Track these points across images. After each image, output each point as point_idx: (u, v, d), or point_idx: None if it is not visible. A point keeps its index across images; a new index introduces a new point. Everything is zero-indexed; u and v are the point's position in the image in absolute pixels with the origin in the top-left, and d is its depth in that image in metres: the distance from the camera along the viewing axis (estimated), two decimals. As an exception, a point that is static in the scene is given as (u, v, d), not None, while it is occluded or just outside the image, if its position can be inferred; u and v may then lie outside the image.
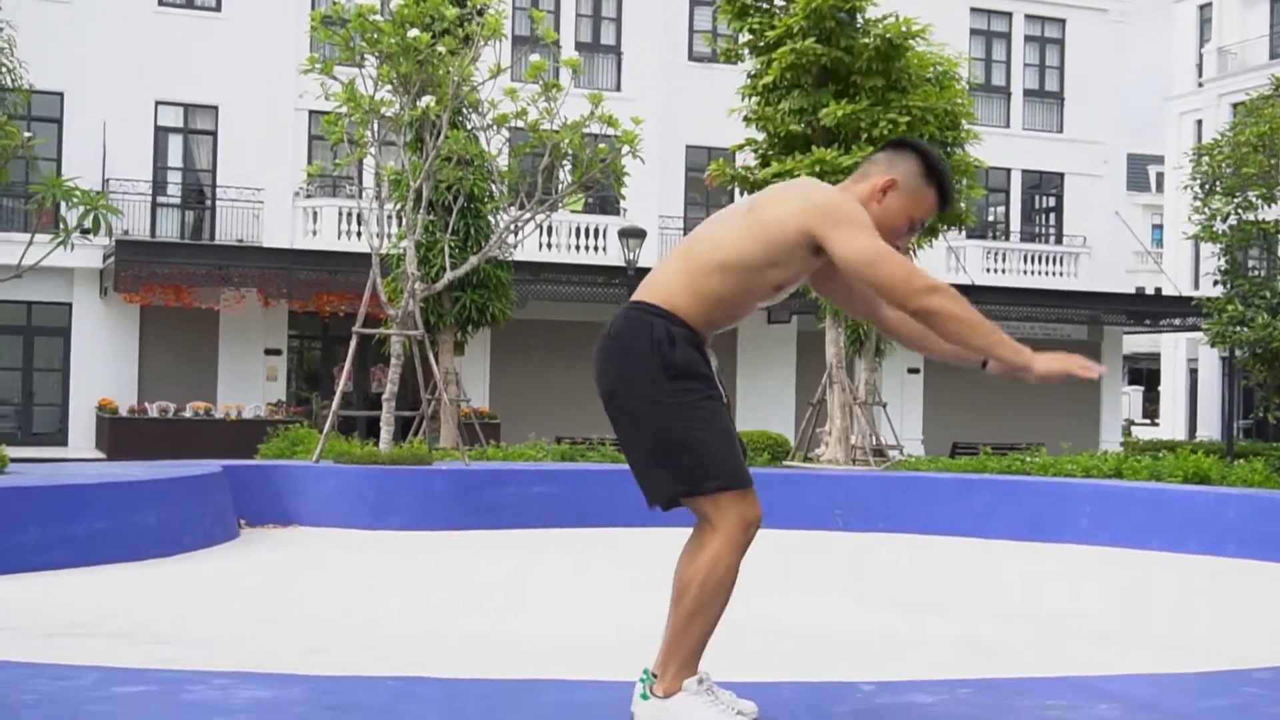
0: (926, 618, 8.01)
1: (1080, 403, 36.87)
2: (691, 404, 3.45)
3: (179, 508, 10.66)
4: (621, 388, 3.52)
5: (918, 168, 3.62)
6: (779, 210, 3.50)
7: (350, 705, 3.24)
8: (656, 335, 3.46)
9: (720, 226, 3.62)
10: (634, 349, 3.49)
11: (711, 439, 3.44)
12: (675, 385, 3.44)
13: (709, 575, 3.42)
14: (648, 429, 3.49)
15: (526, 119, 15.36)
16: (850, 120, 16.46)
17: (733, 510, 3.44)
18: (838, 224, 3.42)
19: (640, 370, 3.47)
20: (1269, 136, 24.18)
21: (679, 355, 3.45)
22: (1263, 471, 15.57)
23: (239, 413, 27.80)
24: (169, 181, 30.54)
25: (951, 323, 3.37)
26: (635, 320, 3.52)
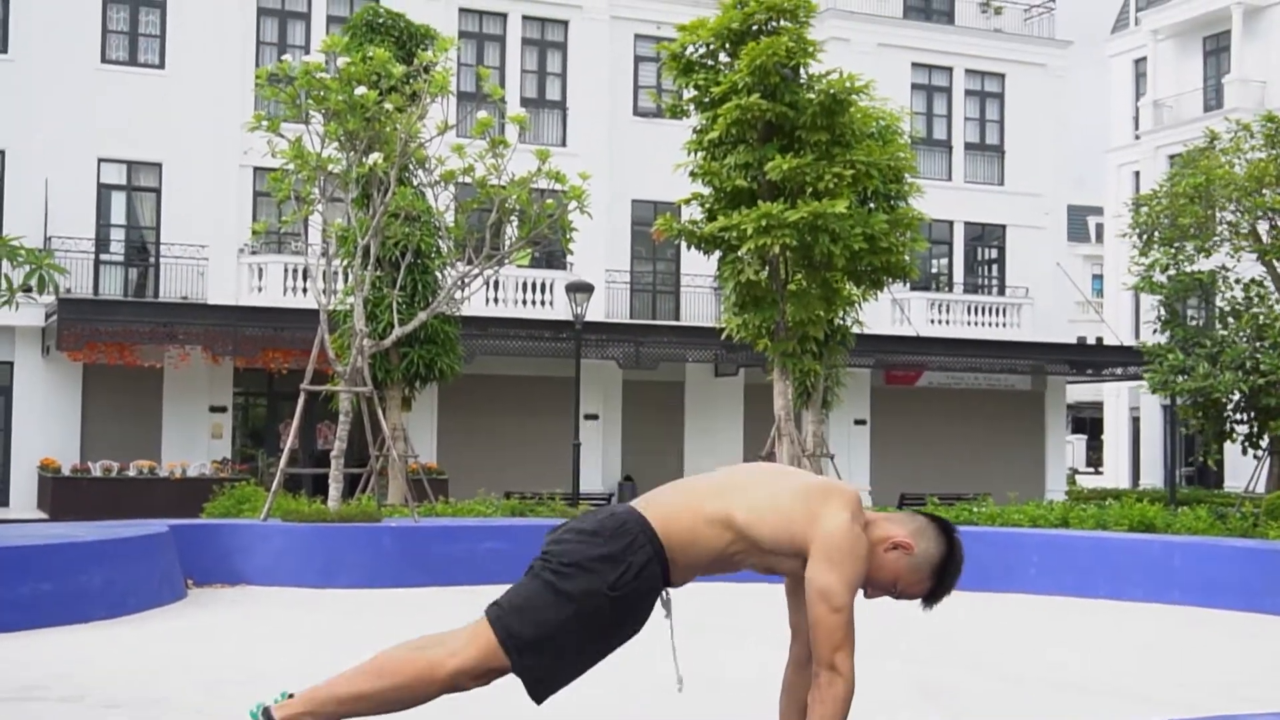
0: (882, 668, 8.03)
1: (1026, 452, 37.12)
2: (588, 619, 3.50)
3: (125, 569, 10.55)
4: (575, 560, 3.52)
5: (937, 559, 3.72)
6: (801, 509, 3.55)
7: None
8: (632, 559, 3.49)
9: (749, 485, 3.65)
10: (609, 553, 3.50)
11: (562, 644, 3.50)
12: (604, 601, 3.47)
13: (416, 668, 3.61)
14: (553, 593, 3.51)
15: (474, 175, 15.42)
16: (796, 174, 16.57)
17: (492, 659, 3.55)
18: (831, 555, 3.49)
19: (598, 569, 3.49)
20: (1204, 188, 24.54)
21: (630, 587, 3.49)
22: (1206, 519, 15.73)
23: (184, 471, 27.58)
24: (112, 239, 30.38)
25: (818, 705, 3.45)
26: (628, 534, 3.53)
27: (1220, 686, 7.71)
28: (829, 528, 3.48)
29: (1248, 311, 24.69)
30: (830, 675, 3.40)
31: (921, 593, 3.72)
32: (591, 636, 3.50)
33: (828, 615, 3.43)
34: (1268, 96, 40.52)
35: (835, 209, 16.15)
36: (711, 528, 3.55)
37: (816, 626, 3.45)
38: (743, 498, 3.57)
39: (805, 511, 3.52)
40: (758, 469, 3.76)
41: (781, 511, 3.53)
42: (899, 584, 3.67)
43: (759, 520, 3.53)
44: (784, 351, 17.73)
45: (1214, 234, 25.26)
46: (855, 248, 16.69)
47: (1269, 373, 23.08)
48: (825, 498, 3.57)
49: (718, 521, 3.55)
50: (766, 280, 17.64)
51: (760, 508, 3.54)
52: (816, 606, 3.44)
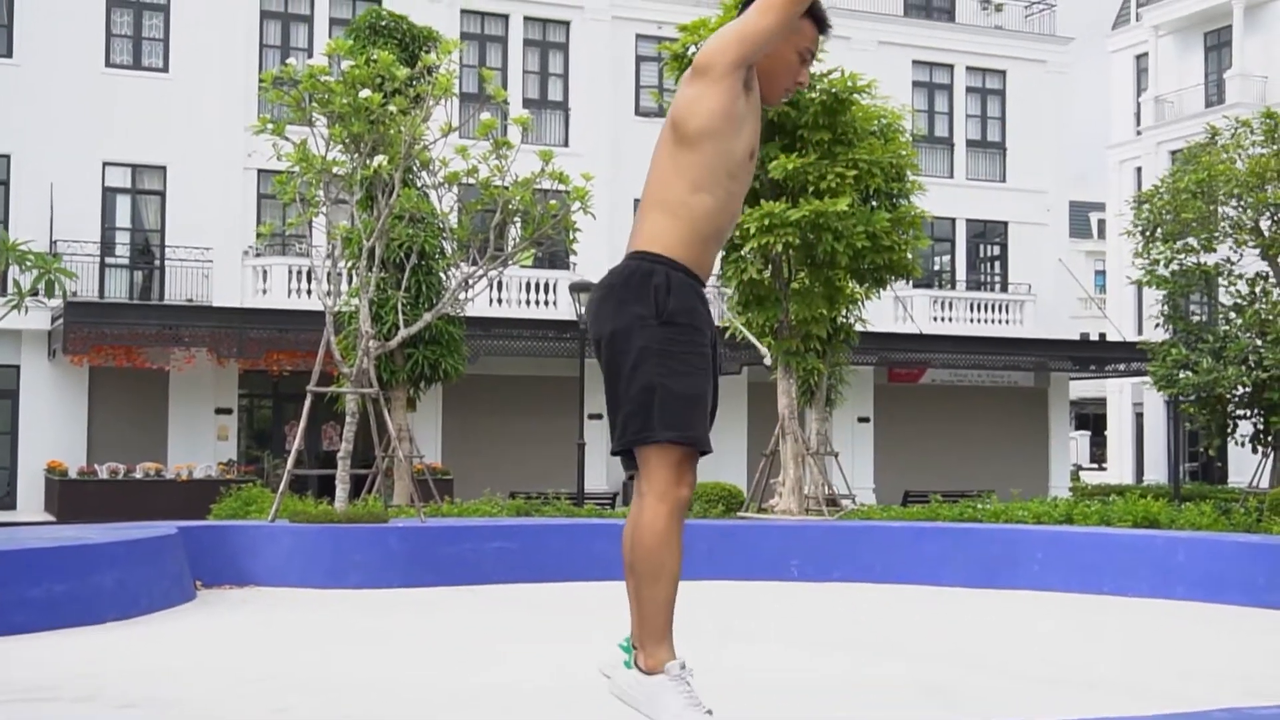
0: (886, 665, 8.10)
1: (1029, 448, 37.18)
2: (673, 354, 3.54)
3: (136, 570, 10.62)
4: (615, 334, 3.60)
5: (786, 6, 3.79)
6: (678, 98, 3.72)
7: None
8: (655, 282, 3.57)
9: (659, 150, 3.80)
10: (625, 296, 3.59)
11: (680, 390, 3.53)
12: (663, 332, 3.53)
13: (650, 539, 3.50)
14: (629, 374, 3.56)
15: (477, 176, 15.49)
16: (798, 173, 16.66)
17: (670, 471, 3.52)
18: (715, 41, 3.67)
19: (634, 317, 3.57)
20: (1206, 183, 24.61)
21: (673, 303, 3.55)
22: (1210, 514, 15.79)
23: (190, 473, 27.66)
24: (117, 242, 30.47)
25: None
26: (634, 269, 3.63)
27: (1225, 680, 7.77)
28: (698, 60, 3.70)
29: (1251, 307, 24.73)
30: None
31: (813, 34, 3.80)
32: (688, 365, 3.55)
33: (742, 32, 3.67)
34: (1269, 92, 40.57)
35: (838, 208, 16.22)
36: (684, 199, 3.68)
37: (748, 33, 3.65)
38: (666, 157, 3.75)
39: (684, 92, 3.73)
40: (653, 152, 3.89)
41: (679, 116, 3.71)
42: (800, 50, 3.79)
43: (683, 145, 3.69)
44: (787, 350, 17.80)
45: (1216, 229, 25.31)
46: (858, 246, 16.76)
47: (1272, 367, 23.13)
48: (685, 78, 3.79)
49: (678, 191, 3.69)
50: (770, 279, 17.72)
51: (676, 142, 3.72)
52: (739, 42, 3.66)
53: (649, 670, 3.48)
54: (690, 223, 3.63)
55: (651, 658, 3.48)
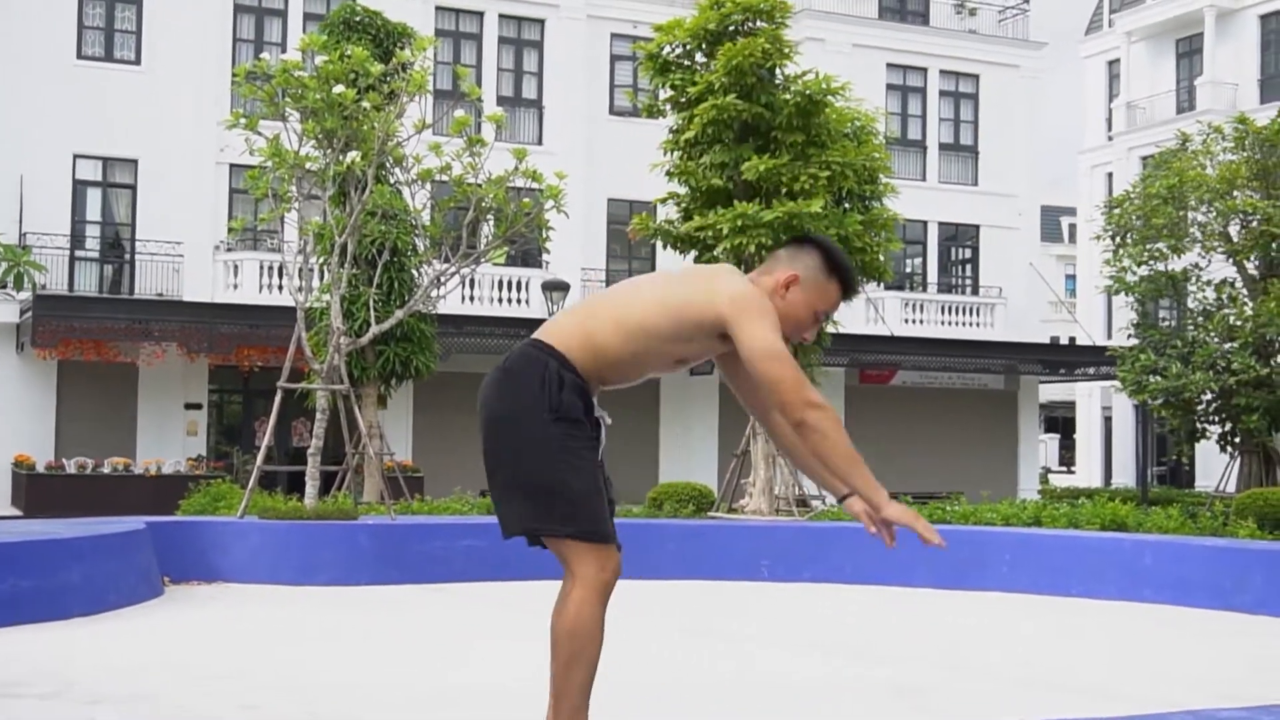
0: (860, 666, 8.12)
1: (999, 451, 37.33)
2: (570, 449, 3.57)
3: (103, 565, 10.57)
4: (507, 418, 3.61)
5: (819, 262, 3.76)
6: (693, 289, 3.65)
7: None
8: (548, 376, 3.57)
9: (632, 291, 3.75)
10: (525, 385, 3.59)
11: (580, 487, 3.56)
12: (558, 428, 3.55)
13: (575, 624, 3.55)
14: (522, 462, 3.59)
15: (451, 174, 15.45)
16: (771, 175, 16.68)
17: (590, 558, 3.56)
18: (746, 314, 3.55)
19: (527, 406, 3.57)
20: (1177, 189, 24.72)
21: (565, 398, 3.57)
22: (1177, 518, 15.88)
23: (159, 468, 27.54)
24: (87, 235, 30.31)
25: (821, 439, 3.49)
26: (530, 357, 3.66)
27: (1193, 683, 7.82)
28: (733, 292, 3.58)
29: (1219, 312, 24.88)
30: (813, 413, 3.48)
31: (837, 296, 3.80)
32: (580, 463, 3.58)
33: (776, 365, 3.49)
34: (1239, 98, 40.81)
35: (810, 209, 16.26)
36: (608, 335, 3.62)
37: (773, 381, 3.51)
38: (632, 300, 3.69)
39: (701, 292, 3.60)
40: (632, 280, 3.85)
41: (677, 299, 3.62)
42: (815, 307, 3.76)
43: (655, 314, 3.62)
44: (760, 351, 17.81)
45: (1186, 234, 25.44)
46: (830, 248, 16.78)
47: (1240, 372, 23.27)
48: (712, 275, 3.69)
49: (610, 327, 3.62)
50: (742, 280, 17.74)
51: (651, 303, 3.64)
52: (762, 363, 3.51)
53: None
54: (605, 358, 3.68)
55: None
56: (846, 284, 3.80)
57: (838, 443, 3.48)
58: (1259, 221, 24.38)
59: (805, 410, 3.49)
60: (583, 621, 3.55)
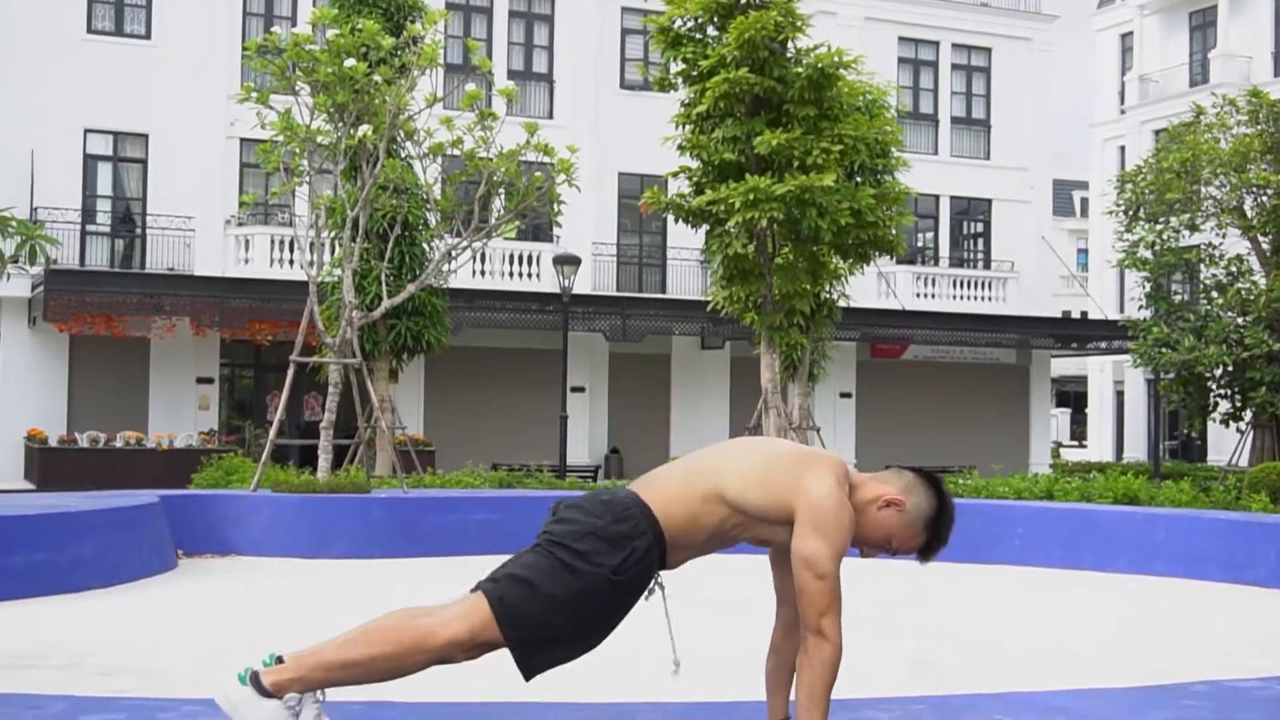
0: (873, 639, 8.12)
1: (1010, 425, 37.30)
2: (597, 603, 3.45)
3: (117, 539, 10.61)
4: (581, 540, 3.47)
5: (929, 512, 3.70)
6: (791, 479, 3.52)
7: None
8: (636, 544, 3.45)
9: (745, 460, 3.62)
10: (610, 533, 3.46)
11: (557, 624, 3.44)
12: (606, 583, 3.43)
13: (409, 634, 3.48)
14: (554, 577, 3.45)
15: (462, 148, 15.43)
16: (783, 149, 16.62)
17: (481, 632, 3.47)
18: (817, 526, 3.45)
19: (598, 549, 3.45)
20: (1190, 163, 24.61)
21: (633, 570, 3.45)
22: (1189, 492, 15.86)
23: (171, 442, 27.58)
24: (98, 210, 30.30)
25: (809, 664, 3.42)
26: (630, 516, 3.49)
27: (1205, 656, 7.81)
28: (814, 494, 3.48)
29: (1232, 286, 24.80)
30: (817, 640, 3.41)
31: (916, 546, 3.72)
32: (586, 619, 3.46)
33: (813, 582, 3.43)
34: (1253, 71, 40.60)
35: (823, 183, 16.20)
36: (706, 504, 3.51)
37: (803, 594, 3.44)
38: (733, 469, 3.56)
39: (791, 477, 3.51)
40: (746, 441, 3.76)
41: (769, 479, 3.52)
42: (894, 540, 3.68)
43: (748, 490, 3.52)
44: (771, 324, 17.80)
45: (1200, 210, 25.34)
46: (842, 222, 16.74)
47: (1252, 346, 23.21)
48: (810, 464, 3.57)
49: (712, 497, 3.51)
50: (754, 254, 17.70)
51: (749, 477, 3.54)
52: (802, 574, 3.43)
53: (273, 688, 3.40)
54: (702, 528, 3.55)
55: (285, 682, 3.40)
56: (931, 545, 3.75)
57: (818, 680, 3.43)
58: (1272, 196, 24.28)
59: (814, 634, 3.45)
60: (414, 639, 3.47)
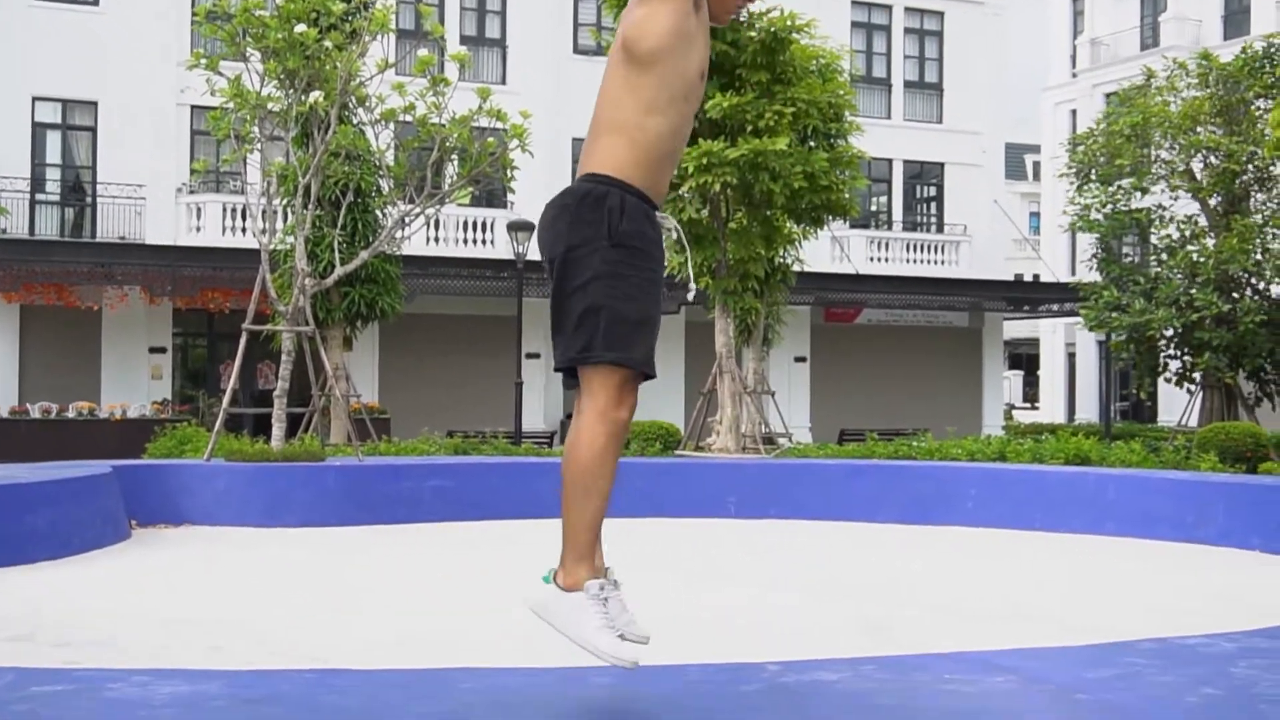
0: (824, 601, 8.19)
1: (963, 388, 37.52)
2: (622, 275, 3.46)
3: (69, 509, 10.55)
4: (567, 252, 3.49)
5: None
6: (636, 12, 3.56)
7: (270, 697, 3.29)
8: (610, 204, 3.46)
9: (608, 75, 3.65)
10: (584, 216, 3.47)
11: (626, 313, 3.46)
12: (615, 254, 3.45)
13: (586, 456, 3.44)
14: (576, 293, 3.48)
15: (414, 114, 15.35)
16: (736, 112, 16.63)
17: (612, 390, 3.45)
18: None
19: (586, 237, 3.47)
20: (1141, 126, 24.78)
21: (626, 225, 3.46)
22: (1140, 452, 16.01)
23: (124, 412, 27.42)
24: (48, 178, 30.03)
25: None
26: (588, 190, 3.50)
27: (1155, 614, 7.91)
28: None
29: (1182, 249, 25.00)
30: None
31: None
32: (638, 286, 3.49)
33: None
34: (1203, 35, 40.85)
35: (776, 147, 16.22)
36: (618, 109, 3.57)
37: None
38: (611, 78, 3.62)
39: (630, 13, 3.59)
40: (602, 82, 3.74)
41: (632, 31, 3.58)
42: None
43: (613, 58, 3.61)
44: (725, 289, 17.83)
45: (1150, 172, 25.52)
46: (795, 186, 16.78)
47: (1202, 308, 23.41)
48: None
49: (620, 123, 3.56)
50: (708, 218, 17.72)
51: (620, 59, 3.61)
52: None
53: (567, 587, 3.44)
54: (644, 145, 3.55)
55: (571, 575, 3.44)
56: None
57: None
58: (1221, 158, 24.47)
59: None
60: (595, 452, 3.44)
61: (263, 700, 3.25)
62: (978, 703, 3.24)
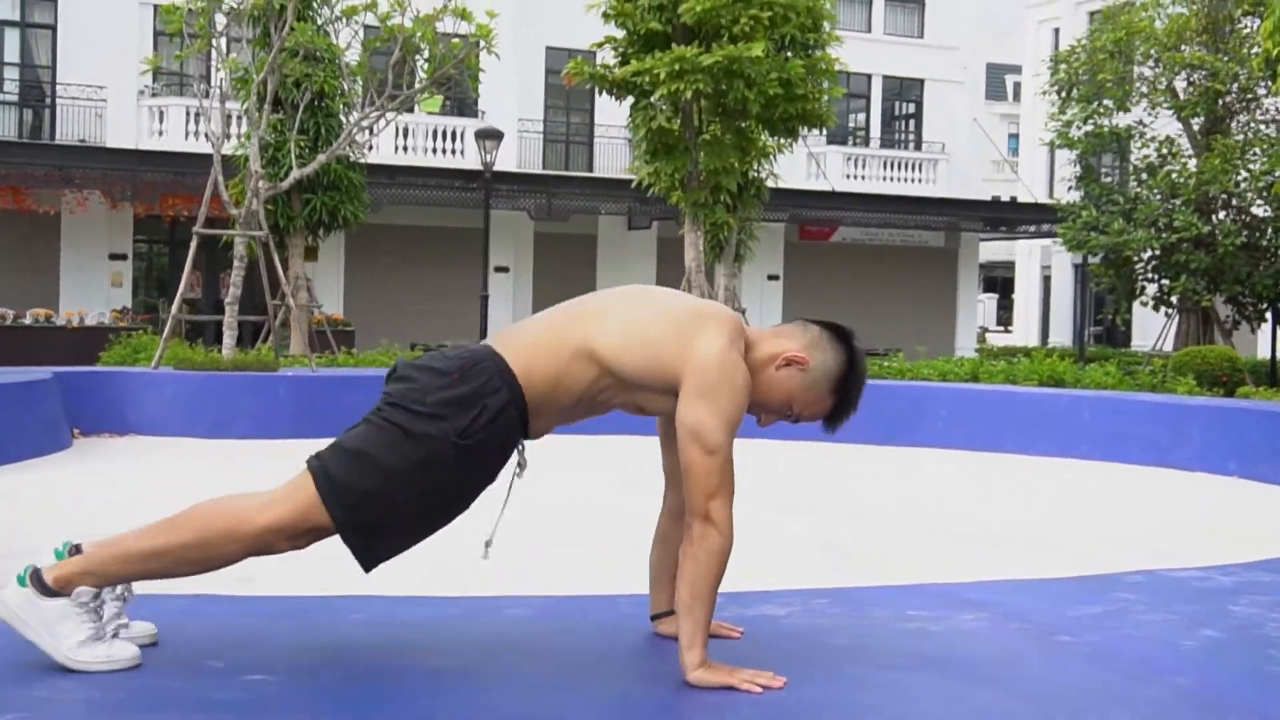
0: (782, 521, 7.82)
1: (937, 309, 37.23)
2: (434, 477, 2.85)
3: (2, 415, 10.12)
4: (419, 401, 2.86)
5: (837, 372, 3.10)
6: (677, 341, 2.94)
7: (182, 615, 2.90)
8: (489, 403, 2.88)
9: (623, 316, 3.04)
10: (464, 394, 2.86)
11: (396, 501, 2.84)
12: (447, 448, 2.83)
13: (220, 514, 2.85)
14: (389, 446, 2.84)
15: (377, 11, 14.81)
16: (711, 16, 16.08)
17: (303, 514, 2.83)
18: (705, 391, 2.88)
19: (445, 414, 2.85)
20: (1124, 43, 24.29)
21: (482, 435, 2.87)
22: (1115, 374, 15.69)
23: (81, 319, 26.84)
24: (6, 78, 29.22)
25: (691, 556, 2.83)
26: (491, 378, 2.89)
27: (1134, 540, 7.57)
28: (701, 357, 2.91)
29: (1162, 169, 24.58)
30: (704, 527, 2.82)
31: (822, 412, 3.13)
32: (431, 494, 2.85)
33: (701, 458, 2.86)
34: (1189, -47, 40.18)
35: (751, 53, 15.71)
36: (576, 362, 2.94)
37: (688, 472, 2.86)
38: (609, 325, 3.00)
39: (676, 339, 2.95)
40: (625, 292, 3.13)
41: (649, 340, 2.96)
42: (795, 405, 3.10)
43: (627, 350, 2.96)
44: (696, 201, 17.37)
45: (1131, 90, 25.05)
46: (770, 93, 16.28)
47: (1181, 229, 23.04)
48: (699, 323, 2.97)
49: (583, 354, 2.94)
50: (679, 128, 17.22)
51: (630, 335, 2.97)
52: (689, 448, 2.86)
53: (55, 585, 2.76)
54: (564, 388, 2.95)
55: (70, 578, 2.78)
56: (838, 411, 3.11)
57: (702, 573, 2.82)
58: (1205, 76, 24.01)
59: (701, 520, 2.85)
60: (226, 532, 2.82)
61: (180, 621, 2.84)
62: (943, 644, 2.85)
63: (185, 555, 2.78)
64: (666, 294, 3.08)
